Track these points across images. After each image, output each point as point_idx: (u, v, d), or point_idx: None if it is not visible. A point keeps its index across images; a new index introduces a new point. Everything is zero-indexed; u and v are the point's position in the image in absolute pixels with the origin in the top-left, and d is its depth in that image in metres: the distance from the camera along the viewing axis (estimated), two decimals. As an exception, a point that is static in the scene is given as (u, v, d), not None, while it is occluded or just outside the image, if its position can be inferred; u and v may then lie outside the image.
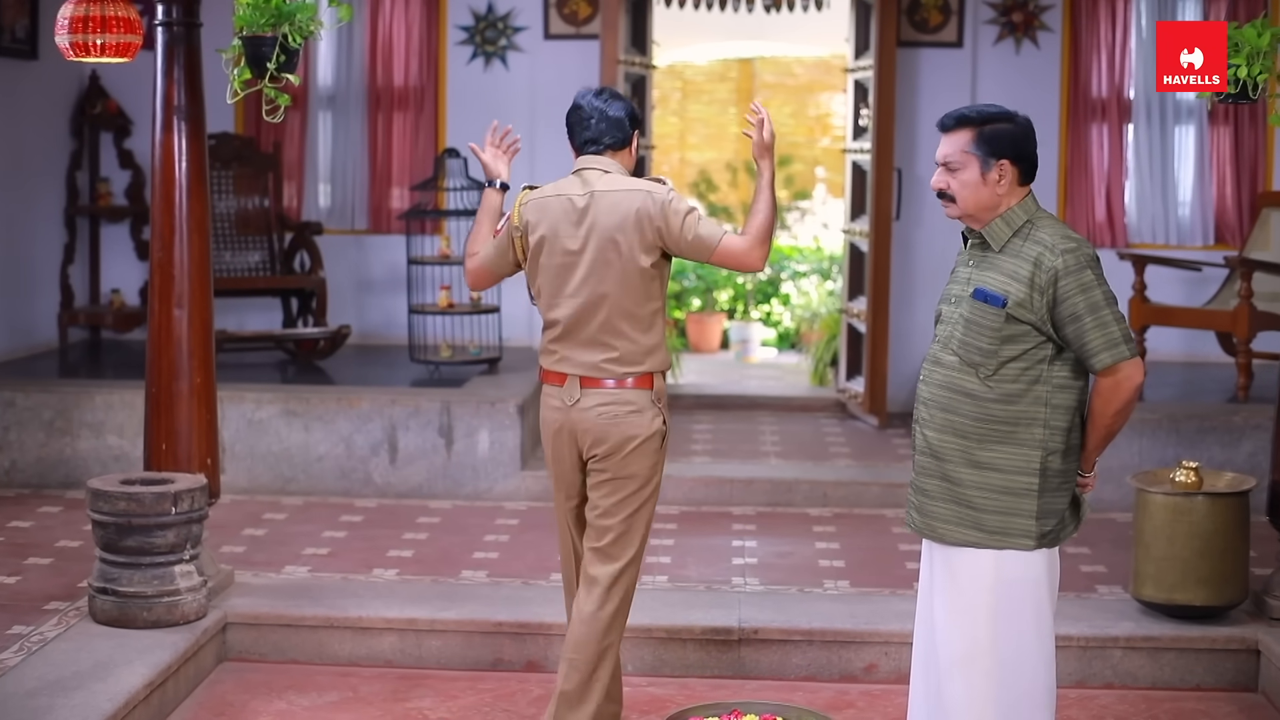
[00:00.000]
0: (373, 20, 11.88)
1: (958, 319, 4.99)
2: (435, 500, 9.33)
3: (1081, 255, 4.80)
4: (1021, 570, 4.91)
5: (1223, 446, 9.29)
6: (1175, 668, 6.86)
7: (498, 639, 6.97)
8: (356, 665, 6.98)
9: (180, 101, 6.97)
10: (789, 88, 18.46)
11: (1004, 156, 4.88)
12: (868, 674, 6.90)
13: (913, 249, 11.62)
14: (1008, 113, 4.95)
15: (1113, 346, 4.77)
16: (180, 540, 6.70)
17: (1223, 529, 6.81)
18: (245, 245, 11.49)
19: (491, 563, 7.94)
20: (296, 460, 9.41)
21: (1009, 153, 4.89)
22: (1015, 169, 4.90)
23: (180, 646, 6.48)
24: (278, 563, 7.86)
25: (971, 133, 4.91)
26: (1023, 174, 4.93)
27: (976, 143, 4.90)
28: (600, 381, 5.59)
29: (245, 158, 11.47)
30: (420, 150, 11.90)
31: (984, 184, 4.91)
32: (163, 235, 7.04)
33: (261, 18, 6.21)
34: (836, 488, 9.43)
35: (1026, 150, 4.92)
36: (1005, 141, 4.89)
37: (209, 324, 7.15)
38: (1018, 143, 4.91)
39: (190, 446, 7.08)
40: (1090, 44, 11.68)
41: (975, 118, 4.93)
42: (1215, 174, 11.77)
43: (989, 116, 4.92)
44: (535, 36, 11.79)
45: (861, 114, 11.48)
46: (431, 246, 10.97)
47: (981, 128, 4.90)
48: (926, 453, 5.03)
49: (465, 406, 9.43)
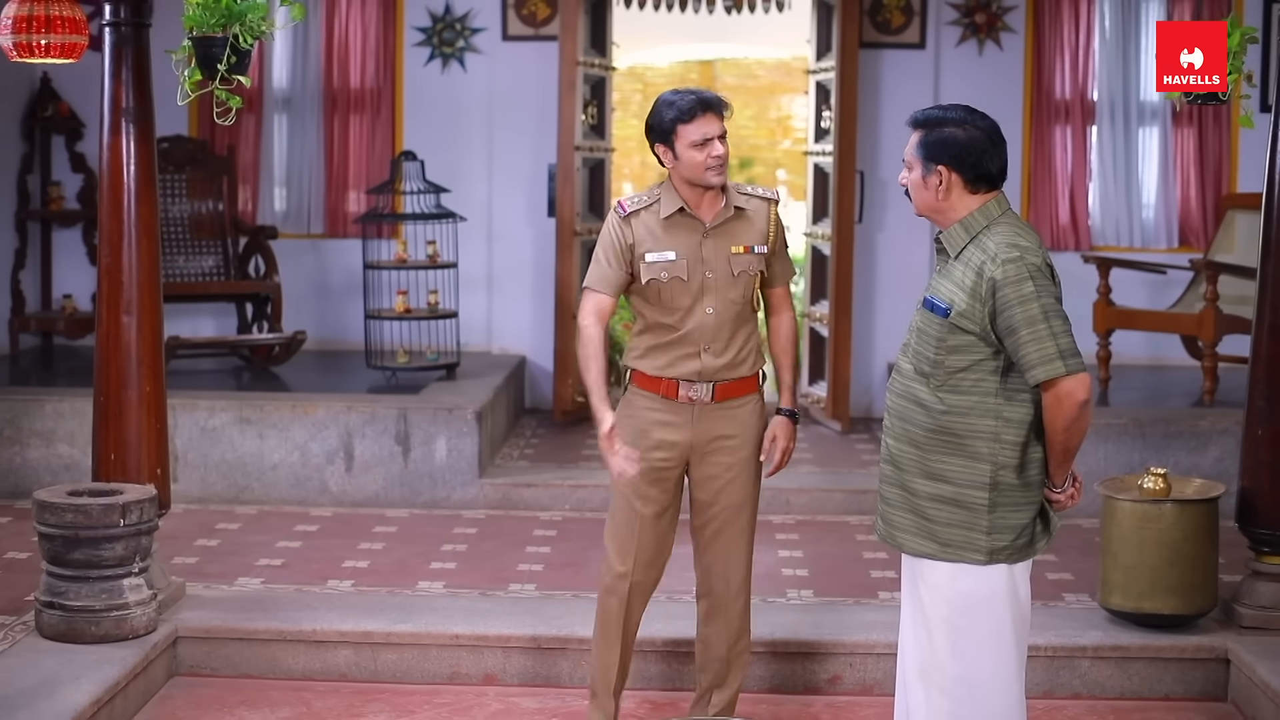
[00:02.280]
0: (328, 21, 11.76)
1: (914, 327, 4.91)
2: (392, 509, 9.21)
3: (1024, 265, 4.64)
4: (976, 585, 4.80)
5: (1189, 451, 9.23)
6: (1144, 677, 6.78)
7: (455, 652, 6.85)
8: (310, 679, 6.85)
9: (128, 103, 6.83)
10: (750, 89, 18.35)
11: (941, 162, 4.76)
12: (832, 686, 6.80)
13: (875, 252, 11.55)
14: (964, 118, 4.80)
15: (1048, 362, 4.61)
16: (129, 553, 6.56)
17: (1192, 536, 6.74)
18: (199, 250, 11.35)
19: (449, 573, 7.81)
20: (250, 469, 9.27)
21: (947, 159, 4.75)
22: (955, 175, 4.76)
23: (129, 662, 6.34)
24: (230, 574, 7.71)
25: (918, 134, 4.83)
26: (969, 181, 4.77)
27: (919, 145, 4.82)
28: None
29: (199, 161, 11.33)
30: (377, 153, 11.78)
31: (925, 187, 4.82)
32: (111, 240, 6.90)
33: (212, 18, 6.07)
34: (799, 494, 9.33)
35: (970, 158, 4.75)
36: (945, 147, 4.76)
37: (158, 331, 7.01)
38: (960, 150, 4.75)
39: (139, 456, 6.93)
40: (1054, 45, 11.63)
41: (923, 120, 4.84)
42: (1179, 176, 11.73)
43: (937, 120, 4.80)
44: (493, 38, 11.70)
45: (823, 116, 11.41)
46: (388, 251, 10.86)
47: (927, 131, 4.80)
48: (888, 461, 4.95)
49: (422, 413, 9.31)
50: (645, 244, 5.68)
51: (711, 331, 5.68)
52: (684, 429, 5.74)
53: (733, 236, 5.72)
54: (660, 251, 5.67)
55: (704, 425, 5.75)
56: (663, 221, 5.68)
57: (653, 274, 5.66)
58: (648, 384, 5.76)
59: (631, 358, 5.81)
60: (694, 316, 5.67)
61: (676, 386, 5.71)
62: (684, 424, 5.74)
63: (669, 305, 5.68)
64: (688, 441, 5.76)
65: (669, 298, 5.67)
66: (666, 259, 5.66)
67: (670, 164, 5.67)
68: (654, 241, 5.68)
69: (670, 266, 5.66)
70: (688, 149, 5.59)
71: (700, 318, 5.67)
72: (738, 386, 5.77)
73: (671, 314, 5.69)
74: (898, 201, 11.33)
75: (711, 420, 5.75)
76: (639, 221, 5.71)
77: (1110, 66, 11.63)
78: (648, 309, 5.74)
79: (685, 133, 5.57)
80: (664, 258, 5.66)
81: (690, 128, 5.57)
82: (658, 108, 5.67)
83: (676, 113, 5.60)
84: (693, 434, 5.75)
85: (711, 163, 5.59)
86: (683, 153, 5.60)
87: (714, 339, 5.69)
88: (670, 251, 5.66)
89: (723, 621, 5.96)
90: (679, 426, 5.74)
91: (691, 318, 5.68)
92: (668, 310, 5.69)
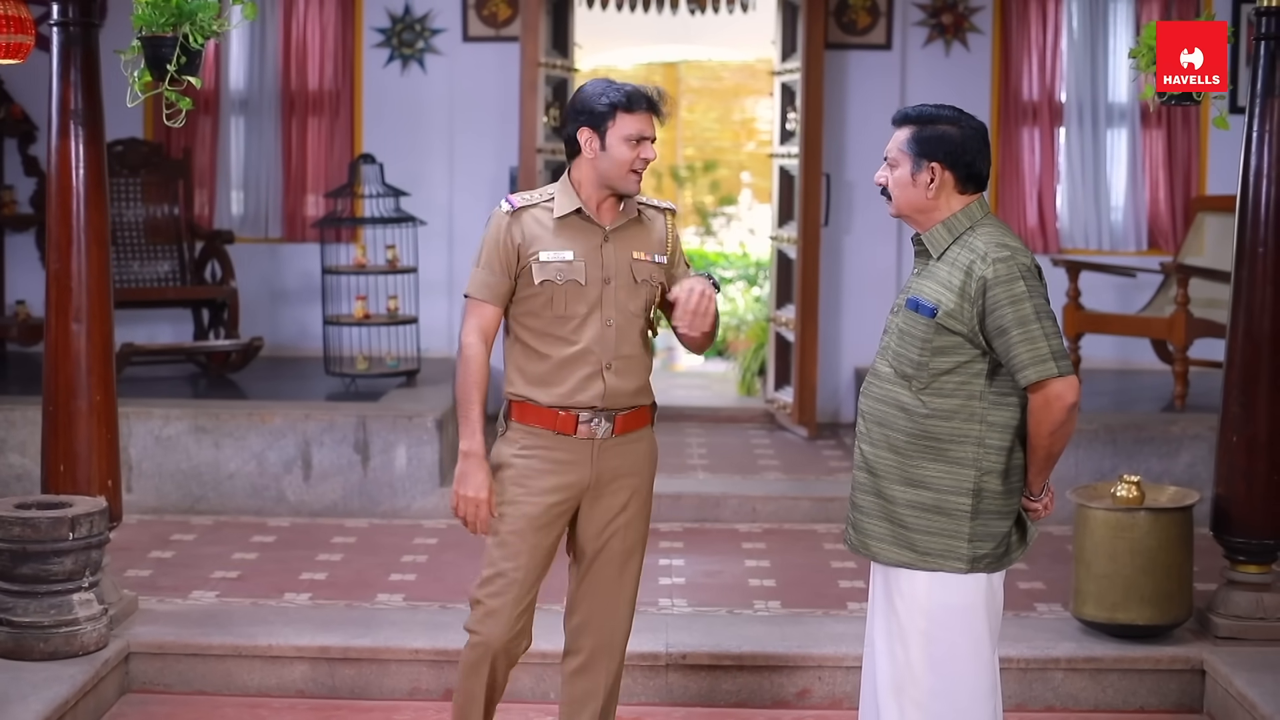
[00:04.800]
0: (286, 22, 11.63)
1: (894, 329, 4.81)
2: (351, 519, 9.06)
3: (1015, 264, 4.60)
4: (955, 595, 4.72)
5: (1160, 457, 9.14)
6: (1118, 689, 6.69)
7: (415, 667, 6.71)
8: (266, 696, 6.70)
9: (77, 105, 6.67)
10: (714, 91, 18.28)
11: (935, 159, 4.70)
12: (801, 700, 6.68)
13: (841, 256, 11.47)
14: (957, 116, 4.75)
15: (1040, 363, 4.56)
16: (79, 567, 6.39)
17: (1166, 545, 6.65)
18: (154, 254, 11.17)
19: (409, 585, 7.67)
20: (206, 478, 9.11)
21: (941, 156, 4.70)
22: (948, 174, 4.70)
23: (79, 679, 6.18)
24: (185, 587, 7.55)
25: (910, 130, 4.74)
26: (960, 180, 4.72)
27: (910, 141, 4.73)
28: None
29: (154, 164, 11.16)
30: (336, 156, 11.64)
31: (913, 184, 4.72)
32: (59, 246, 6.73)
33: (161, 17, 5.95)
34: (766, 502, 9.22)
35: (964, 157, 4.71)
36: (939, 144, 4.70)
37: (109, 339, 6.85)
38: (955, 148, 4.70)
39: (90, 468, 6.77)
40: (1021, 46, 11.56)
41: (916, 116, 4.76)
42: (1148, 178, 11.66)
43: (931, 117, 4.74)
44: (454, 39, 11.57)
45: (789, 118, 11.32)
46: (347, 255, 10.76)
47: (920, 127, 4.73)
48: (863, 468, 4.85)
49: (382, 421, 9.16)
50: (538, 242, 5.10)
51: (612, 347, 5.10)
52: (582, 469, 5.15)
53: (633, 242, 5.20)
54: (556, 251, 5.10)
55: (603, 463, 5.17)
56: (556, 221, 5.13)
57: (547, 275, 5.07)
58: (539, 418, 5.13)
59: (518, 388, 5.16)
60: (590, 328, 5.09)
61: (575, 420, 5.10)
62: (582, 463, 5.15)
63: (561, 314, 5.09)
64: (585, 483, 5.17)
65: (561, 304, 5.09)
66: (563, 259, 5.09)
67: (592, 154, 5.09)
68: (548, 240, 5.11)
69: (567, 268, 5.08)
70: (620, 142, 5.06)
71: (597, 330, 5.09)
72: (636, 418, 5.21)
73: (564, 324, 5.10)
74: (864, 204, 11.27)
75: (610, 457, 5.18)
76: (529, 218, 5.14)
77: (1079, 68, 11.57)
78: (534, 321, 5.12)
79: (623, 123, 5.06)
80: (560, 257, 5.09)
81: (630, 119, 5.06)
82: (592, 91, 5.14)
83: (620, 97, 5.08)
84: (591, 474, 5.17)
85: (639, 165, 5.08)
86: (613, 145, 5.06)
87: (615, 355, 5.11)
88: (567, 251, 5.10)
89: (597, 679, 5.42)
90: (576, 466, 5.15)
91: (587, 329, 5.09)
92: (559, 320, 5.10)
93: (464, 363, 5.12)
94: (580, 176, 5.17)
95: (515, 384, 5.17)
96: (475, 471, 5.10)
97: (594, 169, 5.13)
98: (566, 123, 5.19)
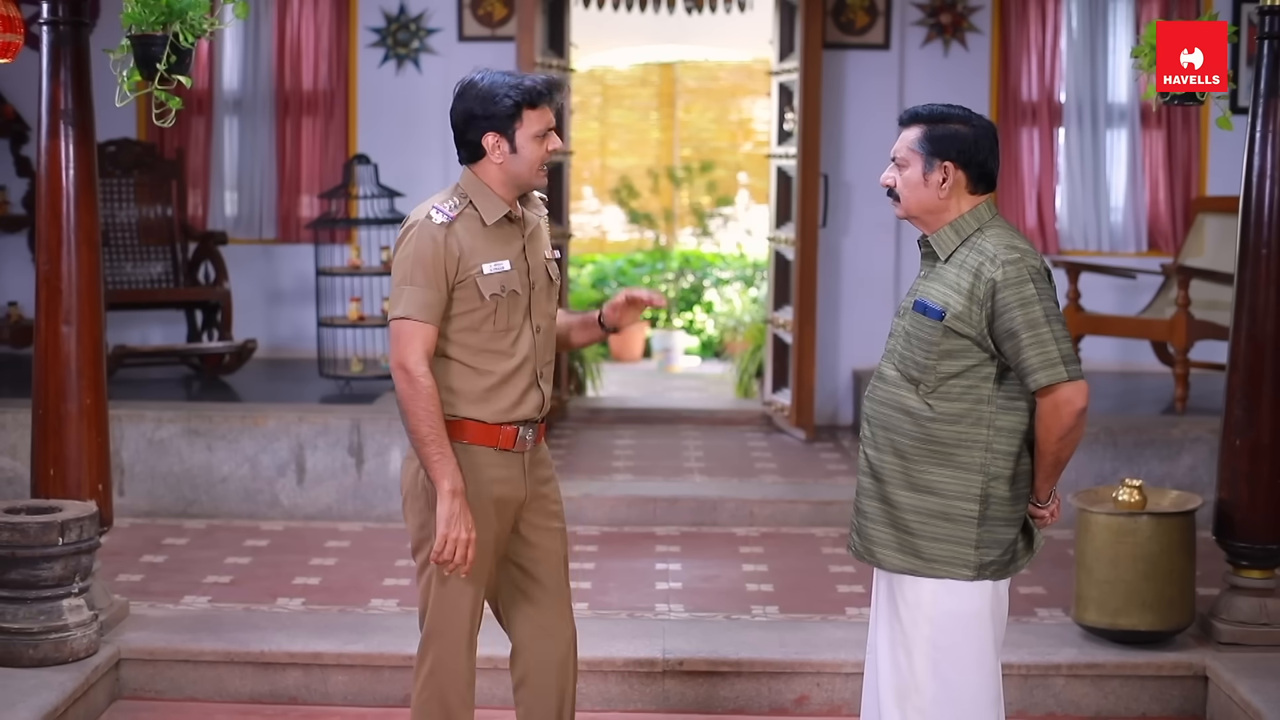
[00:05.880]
0: (280, 21, 11.57)
1: (900, 332, 4.74)
2: (345, 522, 8.99)
3: (1025, 267, 4.53)
4: (961, 602, 4.67)
5: (1161, 460, 9.08)
6: (1120, 696, 6.63)
7: (408, 674, 6.51)
8: (258, 703, 6.64)
9: (67, 105, 6.60)
10: (711, 92, 18.19)
11: (948, 159, 4.63)
12: (799, 706, 6.61)
13: (840, 257, 11.40)
14: (967, 115, 4.69)
15: (1050, 366, 4.49)
16: (68, 572, 6.33)
17: (1168, 550, 6.59)
18: (147, 256, 11.11)
19: (403, 590, 7.59)
20: (199, 481, 9.04)
21: (954, 155, 4.63)
22: (961, 173, 4.64)
23: (68, 687, 6.12)
24: (177, 592, 7.48)
25: (921, 130, 4.66)
26: (972, 180, 4.66)
27: (922, 140, 4.65)
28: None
29: (147, 164, 11.09)
30: (330, 156, 11.59)
31: (925, 184, 4.65)
32: (49, 248, 6.67)
33: (151, 15, 5.90)
34: (763, 506, 9.15)
35: (977, 156, 4.64)
36: (952, 143, 4.63)
37: (99, 342, 6.78)
38: (967, 147, 4.64)
39: (80, 472, 6.71)
40: (1020, 46, 11.50)
41: (927, 115, 4.69)
42: (1148, 179, 11.61)
43: (942, 116, 4.67)
44: (449, 38, 11.51)
45: (786, 118, 11.26)
46: (341, 256, 10.71)
47: (932, 126, 4.65)
48: (867, 473, 4.79)
49: (376, 424, 9.09)
50: (476, 254, 4.81)
51: (542, 355, 4.96)
52: (519, 482, 4.97)
53: (540, 242, 5.02)
54: (496, 261, 4.83)
55: (532, 473, 5.01)
56: (487, 229, 4.86)
57: (493, 288, 4.82)
58: (482, 435, 4.87)
59: (457, 409, 4.86)
60: (524, 338, 4.90)
61: (515, 433, 4.90)
62: (518, 476, 4.96)
63: (503, 327, 4.87)
64: (521, 497, 5.00)
65: (504, 318, 4.86)
66: (503, 269, 4.84)
67: (501, 158, 4.83)
68: (484, 250, 4.83)
69: (507, 278, 4.85)
70: (529, 140, 4.81)
71: (529, 338, 4.91)
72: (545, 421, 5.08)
73: (503, 338, 4.87)
74: (863, 205, 11.20)
75: (535, 465, 5.02)
76: (461, 229, 4.83)
77: (1078, 68, 11.51)
78: (472, 338, 4.85)
79: (530, 120, 4.80)
80: (500, 268, 4.83)
81: (536, 114, 4.80)
82: (489, 89, 4.83)
83: (523, 95, 4.78)
84: (525, 487, 4.99)
85: (548, 159, 4.87)
86: (523, 145, 4.81)
87: (544, 363, 4.97)
88: (505, 261, 4.85)
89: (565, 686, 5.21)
90: (515, 481, 4.96)
91: (523, 339, 4.90)
92: (499, 334, 4.87)
93: (422, 395, 4.72)
94: (489, 180, 4.90)
95: (455, 406, 4.86)
96: (465, 511, 4.75)
97: (504, 171, 4.87)
98: (463, 128, 4.90)
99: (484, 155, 4.88)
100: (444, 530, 4.74)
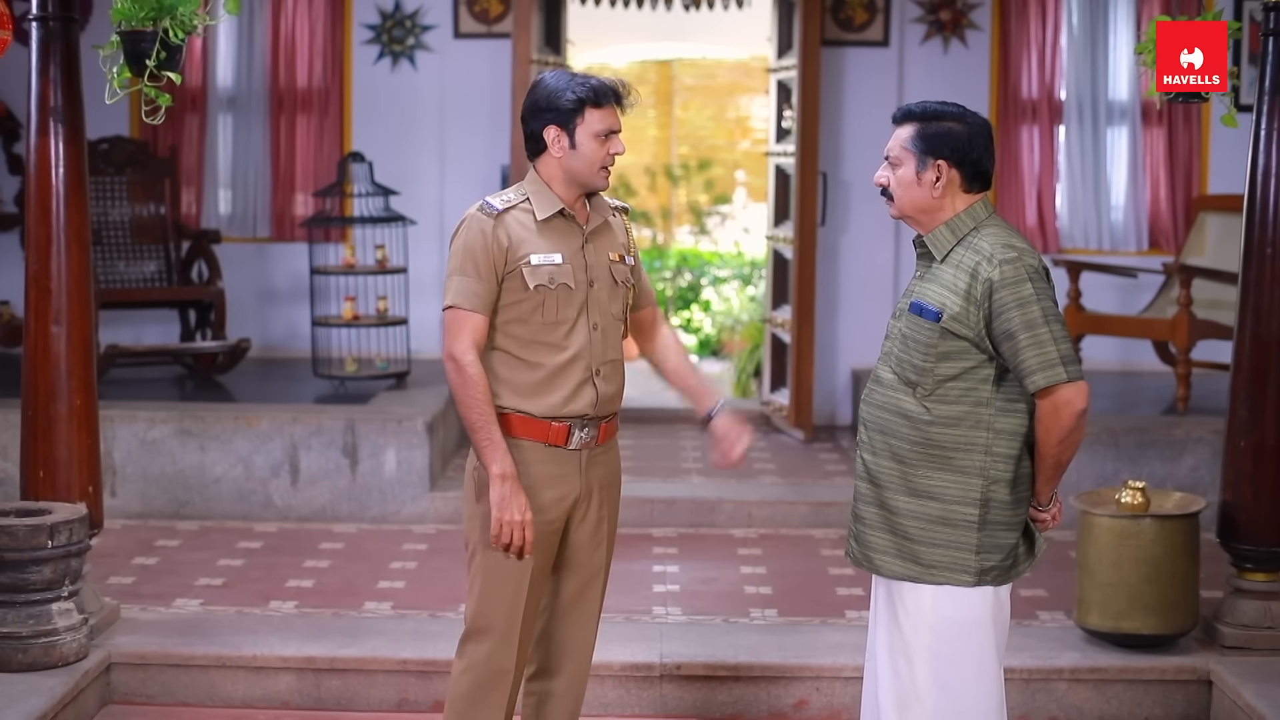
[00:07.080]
0: (274, 18, 11.50)
1: (896, 334, 4.68)
2: (339, 524, 8.91)
3: (1022, 266, 4.46)
4: (962, 608, 4.61)
5: (1163, 461, 9.02)
6: (1123, 700, 6.56)
7: (402, 678, 6.57)
8: (251, 707, 6.57)
9: (57, 102, 6.51)
10: (709, 89, 18.16)
11: (941, 157, 4.56)
12: (798, 711, 6.55)
13: (839, 256, 11.35)
14: (961, 113, 4.62)
15: (1049, 368, 4.42)
16: (58, 575, 6.26)
17: (1171, 553, 6.53)
18: (140, 254, 11.02)
19: (397, 593, 7.52)
20: (192, 482, 8.96)
21: (948, 154, 4.56)
22: (955, 172, 4.57)
23: (58, 691, 6.04)
24: (168, 595, 7.41)
25: (914, 128, 4.60)
26: (966, 179, 4.59)
27: (915, 139, 4.59)
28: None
29: (140, 162, 11.01)
30: (325, 154, 11.50)
31: (918, 183, 4.59)
32: (39, 246, 6.60)
33: (141, 11, 5.81)
34: (762, 507, 9.08)
35: (971, 154, 4.57)
36: (946, 141, 4.56)
37: (89, 342, 6.70)
38: (961, 145, 4.56)
39: (70, 473, 6.62)
40: (1020, 43, 11.43)
41: (920, 113, 4.62)
42: (1149, 177, 11.54)
43: (935, 114, 4.60)
44: (445, 35, 11.44)
45: (785, 116, 11.20)
46: (336, 255, 10.65)
47: (925, 124, 4.58)
48: (865, 478, 4.72)
49: (371, 424, 9.02)
50: (525, 245, 4.88)
51: (600, 352, 4.95)
52: (573, 481, 4.97)
53: (608, 244, 5.05)
54: (546, 254, 4.89)
55: (589, 474, 5.01)
56: (539, 223, 4.92)
57: (540, 279, 4.87)
58: (532, 430, 4.90)
59: (507, 400, 4.90)
60: (579, 334, 4.92)
61: (568, 431, 4.92)
62: (573, 475, 4.97)
63: (551, 320, 4.90)
64: (574, 496, 5.00)
65: (552, 310, 4.90)
66: (554, 262, 4.89)
67: (560, 153, 4.91)
68: (535, 243, 4.90)
69: (558, 271, 4.89)
70: (590, 138, 4.88)
71: (585, 335, 4.92)
72: (613, 424, 5.07)
73: (554, 330, 4.90)
74: (861, 204, 11.14)
75: (594, 467, 5.02)
76: (512, 220, 4.91)
77: (1078, 65, 11.45)
78: (521, 329, 4.90)
79: (592, 118, 4.88)
80: (551, 260, 4.89)
81: (599, 114, 4.88)
82: (555, 84, 4.94)
83: (587, 92, 4.88)
84: (580, 486, 5.00)
85: (609, 161, 4.91)
86: (583, 142, 4.88)
87: (603, 360, 4.95)
88: (556, 254, 4.90)
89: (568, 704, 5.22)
90: (568, 479, 4.97)
91: (576, 335, 4.91)
92: (549, 326, 4.90)
93: (469, 382, 4.80)
94: (549, 175, 4.97)
95: (502, 397, 4.90)
96: (517, 493, 4.79)
97: (562, 167, 4.94)
98: (528, 119, 4.98)
99: (545, 149, 4.96)
100: (497, 514, 4.80)
